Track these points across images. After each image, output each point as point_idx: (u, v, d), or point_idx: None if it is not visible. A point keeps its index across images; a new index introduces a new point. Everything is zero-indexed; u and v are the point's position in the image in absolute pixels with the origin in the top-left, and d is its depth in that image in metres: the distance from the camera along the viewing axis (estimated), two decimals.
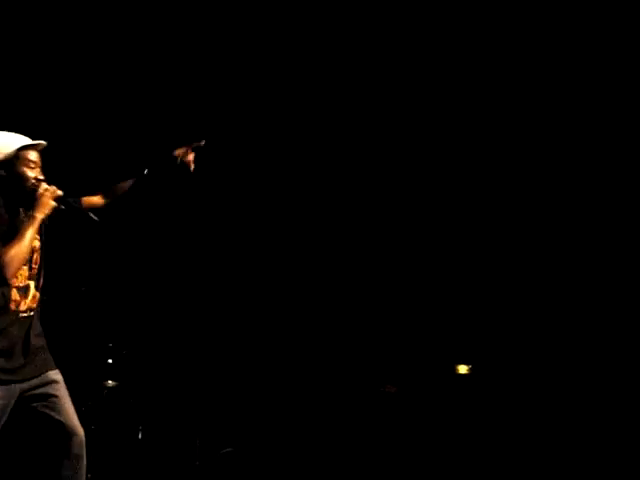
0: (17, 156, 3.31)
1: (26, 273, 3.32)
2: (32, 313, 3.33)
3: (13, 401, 3.24)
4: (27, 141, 3.37)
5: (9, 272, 3.14)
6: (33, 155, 3.37)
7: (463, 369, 5.95)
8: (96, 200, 3.60)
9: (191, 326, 5.94)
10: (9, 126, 3.46)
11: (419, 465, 5.39)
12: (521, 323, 5.89)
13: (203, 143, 3.61)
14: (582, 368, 5.62)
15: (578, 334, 5.70)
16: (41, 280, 3.40)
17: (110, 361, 5.06)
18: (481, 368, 5.93)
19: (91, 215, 3.42)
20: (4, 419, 3.23)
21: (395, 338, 6.05)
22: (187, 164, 3.61)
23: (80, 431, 3.29)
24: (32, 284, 3.34)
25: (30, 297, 3.33)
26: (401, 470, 5.33)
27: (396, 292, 6.15)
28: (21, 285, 3.29)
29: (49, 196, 3.30)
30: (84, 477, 3.30)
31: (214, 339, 5.97)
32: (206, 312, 5.99)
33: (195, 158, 3.63)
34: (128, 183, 3.65)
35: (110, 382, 5.18)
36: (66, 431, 3.26)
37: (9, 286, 3.23)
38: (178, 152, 3.62)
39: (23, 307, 3.29)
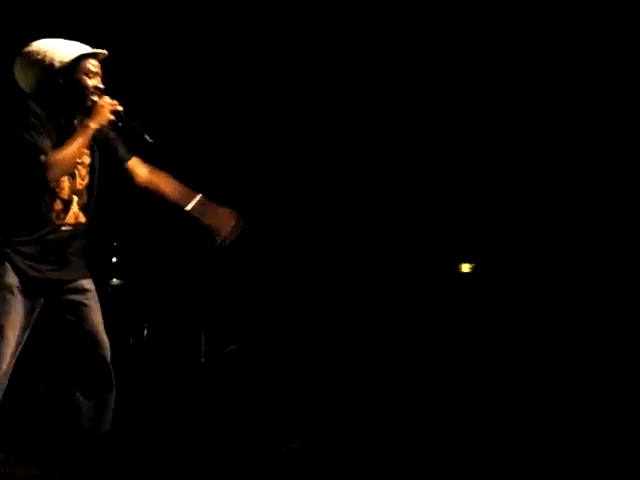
0: (77, 64, 3.16)
1: (73, 186, 3.21)
2: (72, 229, 3.22)
3: (41, 303, 3.19)
4: (87, 49, 3.21)
5: (53, 174, 3.06)
6: (93, 63, 3.21)
7: (466, 267, 5.98)
8: (140, 174, 3.40)
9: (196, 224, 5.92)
10: None
11: (422, 363, 5.47)
12: (523, 223, 5.89)
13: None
14: (582, 269, 5.65)
15: (578, 234, 5.71)
16: (84, 198, 3.26)
17: (115, 260, 5.05)
18: (484, 267, 5.96)
19: (147, 137, 3.24)
20: (33, 318, 3.18)
21: (399, 239, 6.05)
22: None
23: (107, 344, 3.27)
24: (75, 199, 3.23)
25: (71, 212, 3.22)
26: (405, 365, 5.41)
27: (398, 194, 6.12)
28: (65, 197, 3.20)
29: (107, 108, 3.17)
30: (113, 388, 3.30)
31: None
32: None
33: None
34: (169, 194, 3.43)
35: (115, 280, 5.19)
36: (94, 342, 3.23)
37: (54, 194, 3.16)
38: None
39: (63, 219, 3.19)
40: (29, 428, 4.27)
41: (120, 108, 3.21)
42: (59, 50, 3.17)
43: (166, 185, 3.42)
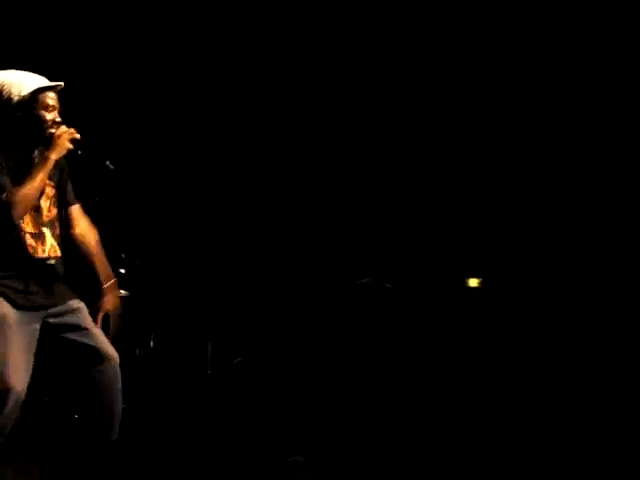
0: (34, 98, 3.16)
1: (39, 219, 3.21)
2: (53, 262, 3.23)
3: (38, 328, 3.19)
4: (45, 82, 3.21)
5: (17, 212, 3.05)
6: (51, 97, 3.21)
7: (474, 282, 5.96)
8: (79, 224, 3.42)
9: (204, 235, 5.94)
10: None
11: (428, 376, 5.45)
12: (532, 237, 5.87)
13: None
14: (593, 285, 5.62)
15: (589, 247, 5.69)
16: (57, 230, 3.28)
17: (123, 271, 5.05)
18: (492, 281, 5.94)
19: (108, 163, 3.30)
20: (33, 349, 3.17)
21: (407, 250, 6.04)
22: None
23: (114, 354, 3.27)
24: (47, 232, 3.23)
25: (48, 245, 3.22)
26: (411, 378, 5.40)
27: (406, 204, 6.12)
28: (33, 232, 3.18)
29: (66, 138, 3.17)
30: (121, 398, 3.30)
31: (226, 248, 5.97)
32: (217, 221, 5.98)
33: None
34: (92, 259, 3.44)
35: (122, 292, 5.18)
36: (100, 355, 3.23)
37: (21, 231, 3.14)
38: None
39: (41, 254, 3.19)
40: (36, 438, 4.27)
41: (78, 136, 3.20)
42: (17, 83, 3.16)
43: (96, 251, 3.43)
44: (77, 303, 3.31)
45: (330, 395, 5.19)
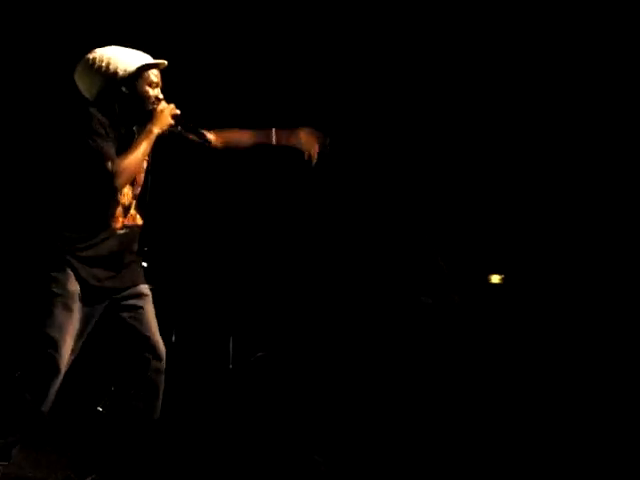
0: (139, 74, 3.22)
1: (132, 191, 3.29)
2: (129, 231, 3.30)
3: (100, 308, 3.24)
4: (149, 59, 3.28)
5: (120, 181, 3.09)
6: (154, 74, 3.28)
7: (496, 279, 5.94)
8: (216, 139, 3.51)
9: (227, 229, 5.94)
10: None
11: (449, 374, 5.44)
12: (554, 233, 5.85)
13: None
14: (616, 282, 5.59)
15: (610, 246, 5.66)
16: (144, 199, 3.37)
17: (145, 265, 5.05)
18: (514, 278, 5.91)
19: (207, 135, 3.38)
20: (90, 326, 3.23)
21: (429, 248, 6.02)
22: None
23: (162, 348, 3.31)
24: (134, 204, 3.32)
25: (129, 215, 3.30)
26: (431, 375, 5.38)
27: (427, 204, 6.11)
28: (126, 203, 3.26)
29: (168, 113, 3.23)
30: (162, 391, 3.32)
31: (251, 242, 5.97)
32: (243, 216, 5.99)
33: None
34: (248, 139, 3.55)
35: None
36: (150, 345, 3.28)
37: (117, 201, 3.21)
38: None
39: (120, 224, 3.26)
40: (54, 430, 4.28)
41: (178, 112, 3.27)
42: (122, 59, 3.21)
43: (241, 136, 3.54)
44: (145, 289, 3.39)
45: (351, 391, 5.18)
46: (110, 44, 3.29)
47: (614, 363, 5.20)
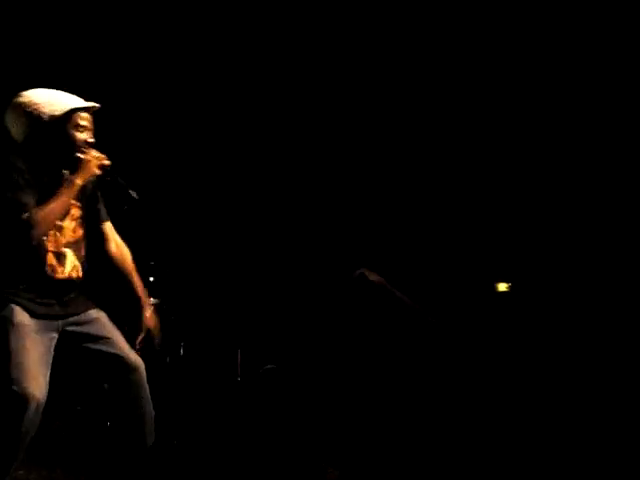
0: (66, 118, 3.13)
1: (62, 240, 3.19)
2: (70, 282, 3.22)
3: (55, 337, 3.17)
4: (79, 102, 3.19)
5: (36, 232, 3.03)
6: (84, 117, 3.18)
7: (503, 287, 5.93)
8: (113, 241, 3.44)
9: (234, 242, 5.95)
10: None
11: (455, 380, 5.42)
12: (561, 241, 5.84)
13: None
14: (624, 290, 5.57)
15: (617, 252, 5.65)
16: (82, 251, 3.27)
17: (152, 279, 5.07)
18: (521, 286, 5.90)
19: (132, 193, 3.24)
20: (50, 358, 3.14)
21: (435, 256, 6.02)
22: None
23: (139, 361, 3.25)
24: (69, 252, 3.22)
25: (69, 266, 3.21)
26: (438, 382, 5.37)
27: (432, 211, 6.11)
28: (55, 251, 3.17)
29: (94, 164, 3.14)
30: (150, 403, 3.29)
31: (257, 255, 5.98)
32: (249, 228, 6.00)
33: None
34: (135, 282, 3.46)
35: (152, 299, 5.21)
36: (125, 363, 3.22)
37: (44, 249, 3.14)
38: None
39: (61, 274, 3.18)
40: (62, 446, 4.30)
41: (107, 162, 3.18)
42: (49, 102, 3.13)
43: (131, 268, 3.44)
44: (96, 313, 3.30)
45: (359, 402, 5.17)
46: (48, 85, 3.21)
47: (621, 371, 5.18)
